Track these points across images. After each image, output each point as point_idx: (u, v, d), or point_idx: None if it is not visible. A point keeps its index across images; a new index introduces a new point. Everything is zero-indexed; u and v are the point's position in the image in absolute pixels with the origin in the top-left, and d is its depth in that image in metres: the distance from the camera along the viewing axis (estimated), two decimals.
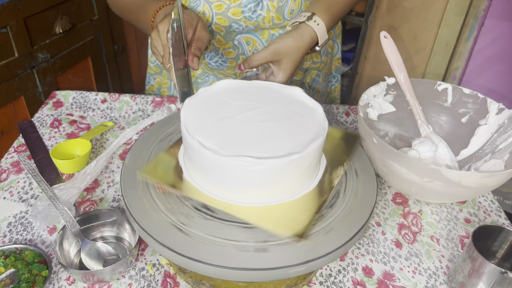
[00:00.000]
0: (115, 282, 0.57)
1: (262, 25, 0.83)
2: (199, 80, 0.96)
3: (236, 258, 0.47)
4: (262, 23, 0.83)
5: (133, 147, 0.62)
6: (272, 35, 0.87)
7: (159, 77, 1.03)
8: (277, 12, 0.82)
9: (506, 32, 1.71)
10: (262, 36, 0.87)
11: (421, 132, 0.77)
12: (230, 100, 0.59)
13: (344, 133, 0.67)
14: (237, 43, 0.87)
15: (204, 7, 0.80)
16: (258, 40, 0.87)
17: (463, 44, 1.83)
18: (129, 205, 0.53)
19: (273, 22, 0.83)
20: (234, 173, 0.50)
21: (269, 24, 0.83)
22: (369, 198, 0.56)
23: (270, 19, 0.82)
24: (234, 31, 0.84)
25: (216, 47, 0.88)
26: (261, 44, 0.88)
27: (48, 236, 0.63)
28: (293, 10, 0.83)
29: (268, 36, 0.87)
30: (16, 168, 0.75)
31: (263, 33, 0.86)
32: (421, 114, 0.77)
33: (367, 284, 0.59)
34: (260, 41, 0.87)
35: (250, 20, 0.81)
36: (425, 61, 2.07)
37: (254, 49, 0.88)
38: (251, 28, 0.84)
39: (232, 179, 0.51)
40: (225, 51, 0.88)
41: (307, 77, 1.01)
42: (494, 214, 0.72)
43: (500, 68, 1.79)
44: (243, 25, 0.82)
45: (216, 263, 0.46)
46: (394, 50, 0.75)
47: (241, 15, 0.81)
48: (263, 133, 0.53)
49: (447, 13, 1.89)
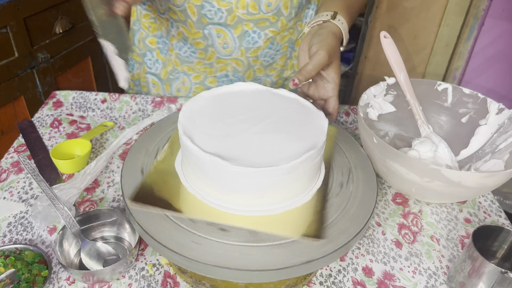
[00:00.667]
0: (115, 282, 0.57)
1: (235, 10, 0.79)
2: (171, 77, 0.95)
3: (236, 259, 0.47)
4: (236, 8, 0.79)
5: (133, 147, 0.62)
6: (245, 32, 0.83)
7: (138, 71, 1.01)
8: (253, 0, 0.78)
9: (506, 32, 1.71)
10: (235, 31, 0.83)
11: (421, 132, 0.77)
12: (230, 106, 0.58)
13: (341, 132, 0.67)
14: (207, 33, 0.84)
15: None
16: (230, 34, 0.84)
17: (463, 44, 1.83)
18: (129, 205, 0.53)
19: (247, 10, 0.79)
20: (238, 180, 0.49)
21: (243, 11, 0.79)
22: (369, 198, 0.56)
23: (245, 5, 0.78)
24: (205, 16, 0.81)
25: (185, 35, 0.86)
26: (232, 39, 0.84)
27: (48, 236, 0.63)
28: (270, 3, 0.79)
29: (241, 32, 0.83)
30: (16, 168, 0.75)
31: (236, 28, 0.83)
32: (421, 114, 0.77)
33: (367, 284, 0.59)
34: (232, 35, 0.84)
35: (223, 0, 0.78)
36: (425, 61, 2.07)
37: (224, 43, 0.85)
38: (223, 15, 0.80)
39: (236, 186, 0.50)
40: (194, 41, 0.86)
41: (285, 87, 0.99)
42: (494, 214, 0.72)
43: (500, 68, 1.79)
44: (216, 6, 0.79)
45: (216, 263, 0.46)
46: (394, 50, 0.75)
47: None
48: (265, 139, 0.53)
49: (447, 13, 1.89)
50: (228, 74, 0.92)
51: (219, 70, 0.92)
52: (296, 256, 0.47)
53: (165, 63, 0.95)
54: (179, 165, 0.58)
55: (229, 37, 0.84)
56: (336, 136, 0.67)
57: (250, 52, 0.87)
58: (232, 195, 0.51)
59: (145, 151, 0.62)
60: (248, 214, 0.51)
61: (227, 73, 0.91)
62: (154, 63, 0.96)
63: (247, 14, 0.80)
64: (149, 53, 0.95)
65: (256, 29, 0.84)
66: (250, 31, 0.84)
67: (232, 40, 0.84)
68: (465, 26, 1.81)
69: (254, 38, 0.85)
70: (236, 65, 0.90)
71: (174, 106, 0.91)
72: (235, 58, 0.88)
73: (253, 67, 0.91)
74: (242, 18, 0.81)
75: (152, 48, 0.94)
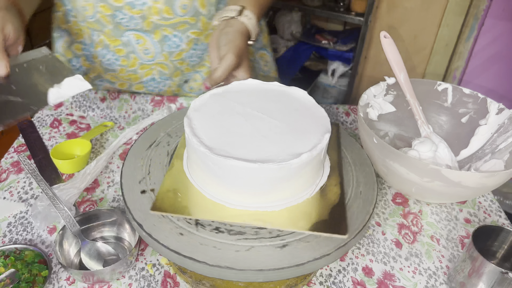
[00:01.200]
0: (115, 282, 0.57)
1: (149, 16, 0.78)
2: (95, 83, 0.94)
3: (236, 259, 0.47)
4: (149, 14, 0.77)
5: (133, 147, 0.62)
6: (165, 36, 0.82)
7: None
8: (166, 5, 0.77)
9: (506, 32, 1.71)
10: (155, 36, 0.82)
11: (421, 132, 0.77)
12: (234, 103, 0.58)
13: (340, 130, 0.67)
14: (126, 40, 0.82)
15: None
16: (150, 39, 0.82)
17: (463, 44, 1.83)
18: (129, 205, 0.53)
19: (161, 15, 0.78)
20: (243, 177, 0.49)
21: (157, 17, 0.78)
22: (369, 198, 0.56)
23: (158, 10, 0.77)
24: (121, 23, 0.79)
25: (106, 43, 0.84)
26: (152, 45, 0.83)
27: (48, 236, 0.63)
28: (185, 6, 0.78)
29: (160, 37, 0.82)
30: (16, 168, 0.75)
31: (155, 33, 0.81)
32: (421, 114, 0.77)
33: (367, 284, 0.59)
34: (152, 41, 0.82)
35: (134, 7, 0.76)
36: (425, 61, 2.07)
37: (144, 48, 0.83)
38: (138, 21, 0.79)
39: (241, 183, 0.50)
40: (115, 48, 0.84)
41: None
42: (494, 214, 0.72)
43: (500, 68, 1.79)
44: (128, 14, 0.77)
45: (216, 263, 0.46)
46: (394, 50, 0.75)
47: (123, 2, 0.76)
48: (269, 136, 0.53)
49: (447, 13, 1.89)
50: (155, 78, 0.90)
51: (144, 75, 0.90)
52: (296, 256, 0.47)
53: (89, 69, 0.93)
54: (185, 164, 0.58)
55: (149, 43, 0.82)
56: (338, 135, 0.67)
57: (174, 56, 0.86)
58: (241, 193, 0.51)
59: (145, 151, 0.62)
60: (255, 210, 0.52)
61: (154, 77, 0.90)
62: (78, 69, 0.94)
63: (162, 19, 0.78)
64: (75, 59, 0.92)
65: (177, 33, 0.82)
66: (170, 35, 0.82)
67: (153, 46, 0.82)
68: (465, 26, 1.81)
69: (175, 42, 0.84)
70: (162, 68, 0.88)
71: (174, 105, 0.91)
72: (159, 62, 0.86)
73: (179, 68, 0.90)
74: (158, 24, 0.79)
75: (78, 55, 0.91)
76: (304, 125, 0.55)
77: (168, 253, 0.48)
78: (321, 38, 2.17)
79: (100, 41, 0.84)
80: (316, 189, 0.55)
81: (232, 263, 0.46)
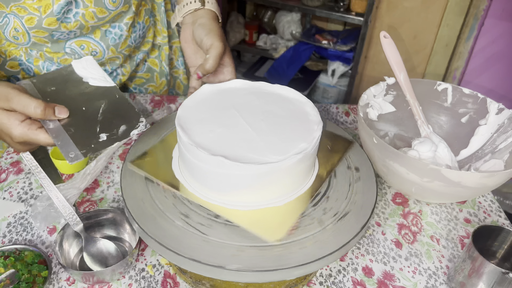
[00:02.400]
0: (115, 282, 0.57)
1: (86, 23, 0.76)
2: None
3: (236, 259, 0.47)
4: (85, 22, 0.75)
5: (133, 148, 0.62)
6: (105, 31, 0.81)
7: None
8: (97, 6, 0.74)
9: (506, 32, 1.71)
10: (95, 35, 0.80)
11: (421, 132, 0.77)
12: (222, 104, 0.59)
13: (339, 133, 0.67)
14: (69, 51, 0.80)
15: (14, 23, 0.71)
16: (92, 41, 0.80)
17: (463, 44, 1.83)
18: (129, 205, 0.53)
19: (96, 17, 0.76)
20: (227, 176, 0.50)
21: (93, 21, 0.76)
22: (369, 198, 0.56)
23: (92, 15, 0.75)
24: (60, 39, 0.77)
25: (48, 56, 0.80)
26: (97, 45, 0.81)
27: (48, 237, 0.63)
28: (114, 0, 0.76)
29: (101, 34, 0.80)
30: (16, 168, 0.75)
31: (94, 32, 0.80)
32: (421, 114, 0.77)
33: (367, 284, 0.59)
34: (95, 41, 0.80)
35: (69, 23, 0.74)
36: (425, 61, 2.07)
37: (91, 51, 0.81)
38: (77, 31, 0.76)
39: (224, 182, 0.51)
40: (60, 59, 0.81)
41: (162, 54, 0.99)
42: (494, 214, 0.72)
43: (500, 68, 1.79)
44: (65, 31, 0.75)
45: (216, 263, 0.46)
46: (394, 50, 0.75)
47: (57, 23, 0.73)
48: (258, 136, 0.53)
49: (447, 13, 1.89)
50: (107, 69, 0.88)
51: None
52: (296, 256, 0.47)
53: None
54: (177, 168, 0.59)
55: (93, 43, 0.81)
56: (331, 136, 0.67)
57: (120, 46, 0.85)
58: (235, 193, 0.52)
59: (145, 151, 0.62)
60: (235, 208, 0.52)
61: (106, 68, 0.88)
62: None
63: (98, 20, 0.77)
64: (13, 78, 0.84)
65: (114, 24, 0.81)
66: (110, 29, 0.81)
67: (98, 45, 0.81)
68: (465, 26, 1.81)
69: (117, 33, 0.83)
70: (113, 61, 0.88)
71: (174, 105, 0.91)
72: (109, 58, 0.86)
73: (128, 55, 0.90)
74: (96, 25, 0.78)
75: (15, 72, 0.83)
76: (295, 125, 0.55)
77: (168, 253, 0.48)
78: (321, 38, 2.17)
79: (41, 55, 0.80)
80: (303, 191, 0.56)
81: (231, 263, 0.46)
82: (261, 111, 0.58)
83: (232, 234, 0.49)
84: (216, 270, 0.46)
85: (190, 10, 0.69)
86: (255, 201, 0.52)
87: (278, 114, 0.57)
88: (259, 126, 0.55)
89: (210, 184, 0.52)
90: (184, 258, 0.47)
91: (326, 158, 0.61)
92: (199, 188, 0.54)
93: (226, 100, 0.59)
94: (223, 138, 0.53)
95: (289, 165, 0.50)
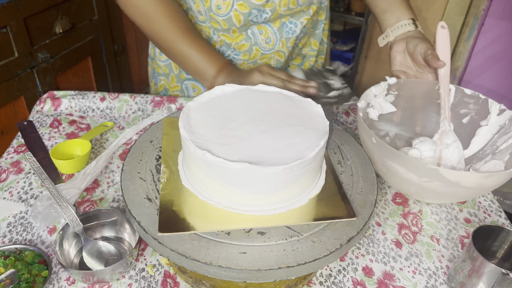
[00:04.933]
0: (115, 282, 0.57)
1: (278, 8, 0.85)
2: None
3: (236, 259, 0.47)
4: (278, 7, 0.85)
5: (133, 148, 0.62)
6: (283, 24, 0.89)
7: (165, 79, 1.02)
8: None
9: (506, 32, 1.71)
10: (274, 25, 0.89)
11: (440, 126, 0.75)
12: (231, 105, 0.58)
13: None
14: (250, 33, 0.88)
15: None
16: (271, 28, 0.89)
17: (463, 44, 1.83)
18: (129, 205, 0.53)
19: (288, 6, 0.86)
20: (241, 179, 0.49)
21: (284, 8, 0.85)
22: (369, 198, 0.56)
23: (286, 2, 0.85)
24: (251, 20, 0.86)
25: (227, 42, 0.90)
26: (273, 33, 0.89)
27: (48, 237, 0.63)
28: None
29: (279, 25, 0.89)
30: (16, 168, 0.75)
31: (274, 22, 0.88)
32: (447, 110, 0.75)
33: (367, 284, 0.59)
34: (272, 29, 0.89)
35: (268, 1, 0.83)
36: None
37: (266, 38, 0.90)
38: (267, 16, 0.85)
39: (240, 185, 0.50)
40: (237, 45, 0.90)
41: (305, 63, 1.03)
42: (494, 214, 0.72)
43: (500, 68, 1.79)
44: (262, 10, 0.84)
45: (217, 263, 0.46)
46: (446, 42, 0.76)
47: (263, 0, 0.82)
48: (266, 139, 0.53)
49: (447, 13, 1.89)
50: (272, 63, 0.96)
51: None
52: (296, 256, 0.47)
53: None
54: (184, 176, 0.58)
55: (270, 31, 0.89)
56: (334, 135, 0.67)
57: (290, 42, 0.93)
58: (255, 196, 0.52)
59: (145, 151, 0.62)
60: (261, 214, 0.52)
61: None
62: None
63: (287, 10, 0.86)
64: None
65: (292, 19, 0.90)
66: (287, 22, 0.89)
67: (273, 34, 0.90)
68: (465, 26, 1.81)
69: (291, 28, 0.91)
70: (279, 57, 0.94)
71: (174, 106, 0.91)
72: (277, 50, 0.93)
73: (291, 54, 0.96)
74: (282, 14, 0.87)
75: None
76: (303, 128, 0.55)
77: (168, 253, 0.48)
78: None
79: (220, 41, 0.90)
80: (316, 191, 0.56)
81: (232, 263, 0.46)
82: (266, 112, 0.58)
83: (232, 233, 0.49)
84: (216, 269, 0.46)
85: (404, 31, 0.82)
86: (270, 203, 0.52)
87: (281, 112, 0.58)
88: (272, 126, 0.55)
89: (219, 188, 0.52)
90: (185, 258, 0.47)
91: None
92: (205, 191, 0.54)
93: (223, 108, 0.59)
94: (246, 146, 0.52)
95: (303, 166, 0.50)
